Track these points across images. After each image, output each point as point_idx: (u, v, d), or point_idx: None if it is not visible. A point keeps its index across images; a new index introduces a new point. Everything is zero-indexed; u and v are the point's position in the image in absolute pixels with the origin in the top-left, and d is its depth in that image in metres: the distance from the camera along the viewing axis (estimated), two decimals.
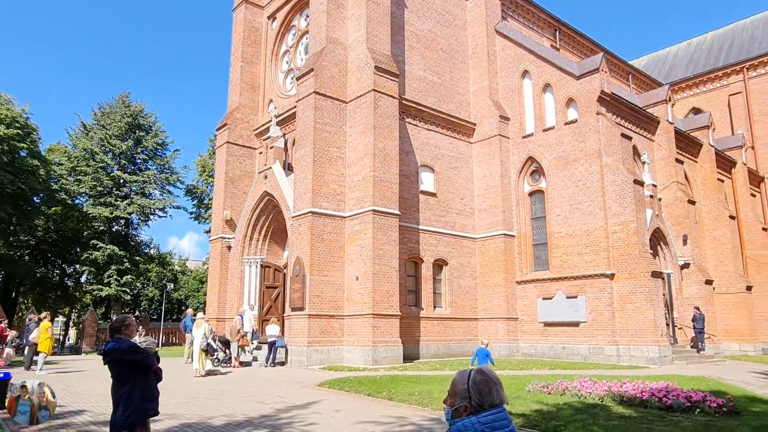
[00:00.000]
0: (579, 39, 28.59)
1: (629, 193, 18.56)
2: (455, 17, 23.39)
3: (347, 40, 19.45)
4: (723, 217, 24.74)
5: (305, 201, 17.70)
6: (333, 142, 18.44)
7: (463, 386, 2.17)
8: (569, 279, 19.62)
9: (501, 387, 2.17)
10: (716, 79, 33.85)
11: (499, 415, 2.08)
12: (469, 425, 2.04)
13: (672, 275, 20.99)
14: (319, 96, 18.17)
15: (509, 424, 2.09)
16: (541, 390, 10.52)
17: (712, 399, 8.71)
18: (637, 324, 17.70)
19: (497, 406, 2.11)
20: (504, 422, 2.08)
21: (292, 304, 17.39)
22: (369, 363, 16.20)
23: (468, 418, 2.08)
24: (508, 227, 21.32)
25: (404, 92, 20.42)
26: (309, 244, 17.22)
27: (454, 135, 22.12)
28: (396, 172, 18.29)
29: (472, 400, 2.11)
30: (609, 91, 20.05)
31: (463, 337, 20.75)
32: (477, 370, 2.23)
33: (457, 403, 2.14)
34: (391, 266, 17.46)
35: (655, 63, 40.19)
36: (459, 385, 2.19)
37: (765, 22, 34.93)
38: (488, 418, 2.06)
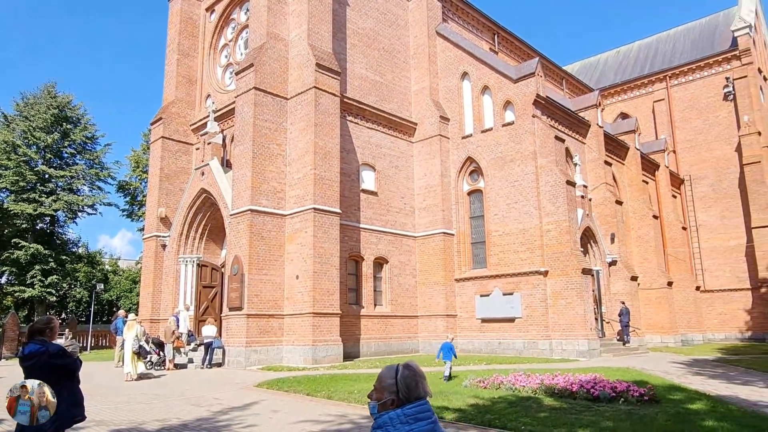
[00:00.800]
0: (516, 43, 29.47)
1: (562, 194, 19.32)
2: (397, 17, 23.57)
3: (288, 36, 19.22)
4: (647, 216, 26.18)
5: (244, 199, 17.36)
6: (273, 139, 18.18)
7: (390, 381, 2.22)
8: (506, 276, 20.22)
9: (426, 381, 2.25)
10: (642, 86, 35.74)
11: (422, 407, 2.16)
12: (395, 417, 2.11)
13: (601, 272, 22.03)
14: (259, 92, 17.86)
15: (432, 415, 2.17)
16: (478, 385, 10.80)
17: (635, 389, 9.22)
18: (569, 319, 18.48)
19: (422, 399, 2.18)
20: (427, 413, 2.16)
21: (230, 303, 17.02)
22: (309, 362, 16.10)
23: (393, 410, 2.15)
24: (448, 226, 21.73)
25: (346, 90, 20.39)
26: (248, 243, 16.90)
27: (396, 134, 22.30)
28: (337, 171, 18.25)
29: (399, 394, 2.17)
30: (544, 95, 20.78)
31: (403, 334, 20.98)
32: (404, 365, 2.28)
33: (384, 397, 2.19)
34: (331, 265, 17.41)
35: (587, 69, 41.98)
36: (387, 379, 2.24)
37: (685, 34, 37.22)
38: (413, 410, 2.13)
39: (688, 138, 33.09)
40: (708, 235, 31.62)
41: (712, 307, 30.73)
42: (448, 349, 12.40)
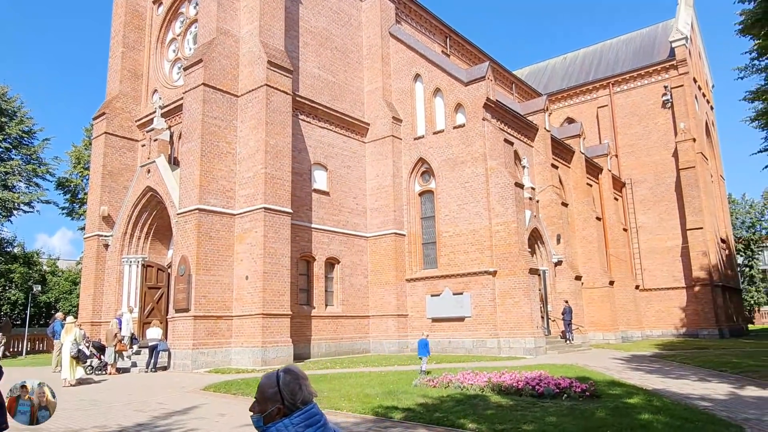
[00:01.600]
0: (468, 47, 29.96)
1: (511, 195, 19.78)
2: (350, 17, 23.54)
3: (239, 32, 18.87)
4: (591, 218, 27.13)
5: (192, 197, 16.93)
6: (223, 136, 17.81)
7: (273, 389, 2.12)
8: (456, 276, 20.52)
9: (308, 381, 2.18)
10: (587, 92, 37.04)
11: (310, 412, 2.09)
12: (283, 428, 2.03)
13: (547, 272, 22.69)
14: (208, 88, 17.45)
15: (321, 418, 2.11)
16: (427, 384, 10.91)
17: (578, 385, 9.54)
18: (516, 318, 18.94)
19: (309, 403, 2.11)
20: (316, 417, 2.10)
21: (177, 305, 16.56)
22: (258, 364, 15.86)
23: (281, 420, 2.06)
24: (399, 226, 21.86)
25: (298, 89, 20.21)
26: (195, 243, 16.49)
27: (348, 134, 22.27)
28: (288, 170, 18.05)
29: (285, 401, 2.08)
30: (494, 99, 21.22)
31: (354, 334, 20.97)
32: (283, 370, 2.20)
33: (268, 408, 2.09)
34: (282, 265, 17.21)
35: (536, 74, 43.14)
36: (268, 389, 2.14)
37: (627, 43, 38.80)
38: (300, 417, 2.06)
39: (629, 143, 34.51)
40: (647, 237, 33.07)
41: (650, 305, 32.16)
42: (423, 345, 13.07)
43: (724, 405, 8.77)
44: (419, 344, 13.20)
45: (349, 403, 9.07)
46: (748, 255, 60.69)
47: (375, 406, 8.75)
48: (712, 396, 9.66)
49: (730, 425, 7.17)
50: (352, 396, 9.76)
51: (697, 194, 31.20)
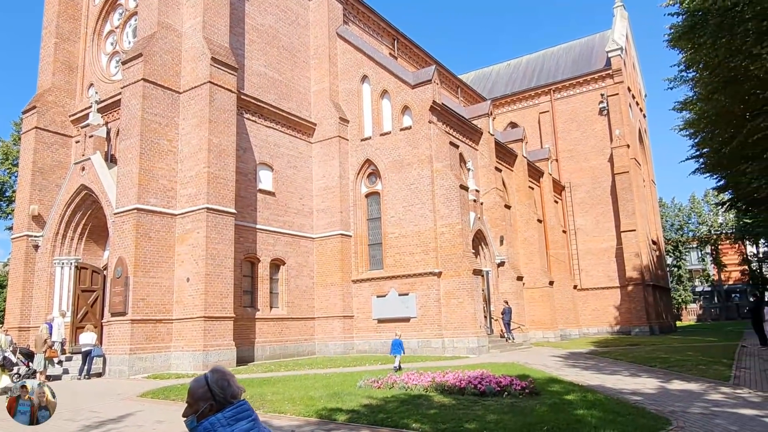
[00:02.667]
0: (415, 50, 30.27)
1: (456, 197, 20.12)
2: (298, 16, 23.32)
3: (182, 27, 18.32)
4: (532, 220, 27.97)
5: (130, 197, 16.29)
6: (164, 134, 17.23)
7: (203, 389, 2.23)
8: (402, 277, 20.67)
9: (235, 379, 2.30)
10: (529, 98, 38.20)
11: (241, 407, 2.21)
12: (215, 421, 2.13)
13: (490, 272, 23.21)
14: (148, 83, 16.84)
15: (251, 414, 2.22)
16: (372, 385, 10.93)
17: (518, 383, 9.81)
18: (460, 318, 19.27)
19: (239, 400, 2.23)
20: (247, 412, 2.21)
21: (113, 308, 15.88)
22: (199, 368, 15.43)
23: (213, 415, 2.17)
24: (346, 227, 21.82)
25: (243, 87, 19.83)
26: (134, 244, 15.87)
27: (295, 134, 22.04)
28: (233, 169, 17.68)
29: (216, 398, 2.20)
30: (440, 102, 21.53)
31: (299, 336, 20.76)
32: (210, 370, 2.32)
33: (200, 407, 2.20)
34: (225, 266, 16.82)
35: (481, 79, 44.11)
36: (198, 389, 2.24)
37: (567, 51, 40.29)
38: (231, 411, 2.17)
39: (568, 148, 35.83)
40: (584, 238, 34.43)
41: (587, 304, 33.50)
42: (398, 344, 14.29)
43: (653, 398, 9.23)
44: (393, 343, 14.25)
45: (293, 406, 8.98)
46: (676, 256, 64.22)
47: (319, 408, 8.69)
48: (642, 390, 10.15)
49: (657, 418, 7.56)
50: (296, 399, 9.66)
51: (630, 198, 32.74)
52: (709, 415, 7.75)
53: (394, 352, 14.22)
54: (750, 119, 15.45)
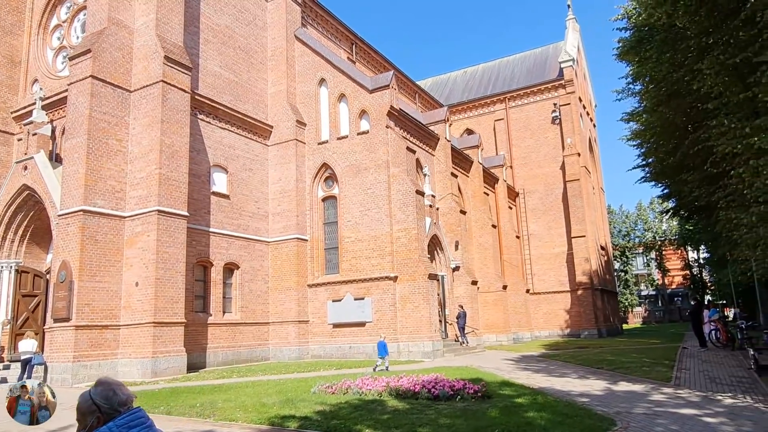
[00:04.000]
0: (374, 55, 30.38)
1: (412, 202, 20.26)
2: (255, 17, 23.03)
3: (134, 24, 17.79)
4: (487, 225, 28.45)
5: (76, 198, 15.66)
6: (113, 133, 16.67)
7: (87, 404, 2.22)
8: (358, 282, 20.63)
9: (123, 386, 2.29)
10: (485, 105, 38.90)
11: (135, 415, 2.20)
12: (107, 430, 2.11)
13: (445, 277, 23.45)
14: (97, 81, 16.27)
15: (146, 421, 2.21)
16: (326, 391, 10.85)
17: (470, 386, 9.93)
18: (415, 322, 19.38)
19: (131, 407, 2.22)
20: (141, 419, 2.20)
21: (56, 314, 15.22)
22: (148, 376, 14.97)
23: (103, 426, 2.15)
24: (302, 231, 21.64)
25: (197, 87, 19.42)
26: (79, 247, 15.26)
27: (250, 136, 21.72)
28: (185, 171, 17.26)
29: (101, 410, 2.18)
30: (397, 107, 21.65)
31: (253, 342, 20.41)
32: (95, 383, 2.32)
33: (88, 422, 2.19)
34: (176, 270, 16.39)
35: (439, 85, 44.65)
36: (83, 404, 2.23)
37: (522, 61, 41.28)
38: (124, 419, 2.16)
39: (523, 155, 36.66)
40: (537, 243, 35.25)
41: (539, 308, 34.28)
42: (383, 346, 15.30)
43: (600, 400, 9.51)
44: (379, 345, 15.41)
45: (245, 414, 8.81)
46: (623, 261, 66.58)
47: (271, 415, 8.56)
48: (590, 392, 10.45)
49: (603, 418, 7.79)
50: (248, 406, 9.49)
51: (581, 205, 33.74)
52: (652, 416, 8.05)
53: (382, 354, 15.19)
54: (692, 131, 16.20)
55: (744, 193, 11.87)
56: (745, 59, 10.64)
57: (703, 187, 16.43)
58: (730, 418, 7.81)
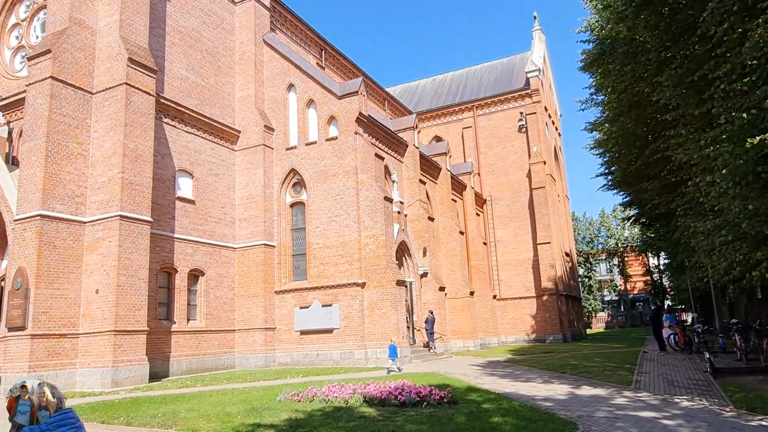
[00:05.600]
0: (343, 61, 30.39)
1: (380, 209, 20.28)
2: (223, 20, 22.78)
3: (96, 25, 17.38)
4: (455, 232, 28.70)
5: (33, 202, 15.16)
6: (74, 136, 16.22)
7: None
8: (325, 288, 20.52)
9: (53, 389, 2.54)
10: (454, 113, 39.34)
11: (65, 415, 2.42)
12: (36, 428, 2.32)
13: (413, 283, 23.53)
14: (57, 82, 15.82)
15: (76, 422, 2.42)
16: (292, 398, 10.74)
17: (437, 393, 9.97)
18: (383, 328, 19.37)
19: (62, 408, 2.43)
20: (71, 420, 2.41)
21: (10, 323, 14.66)
22: (108, 386, 14.54)
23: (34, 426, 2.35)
24: (269, 237, 21.42)
25: (163, 90, 19.08)
26: (36, 252, 14.76)
27: (217, 141, 21.43)
28: (149, 176, 16.90)
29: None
30: (366, 114, 21.69)
31: (218, 349, 20.06)
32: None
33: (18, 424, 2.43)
34: (139, 277, 16.00)
35: (408, 93, 44.95)
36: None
37: (490, 70, 41.93)
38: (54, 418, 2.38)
39: (490, 162, 37.17)
40: (504, 250, 35.74)
41: (505, 313, 34.72)
42: (393, 349, 16.62)
43: (563, 404, 9.67)
44: (390, 348, 16.74)
45: (208, 424, 8.64)
46: (587, 267, 68.02)
47: (235, 425, 8.41)
48: (554, 396, 10.62)
49: (566, 422, 7.93)
50: (211, 415, 9.31)
51: (546, 212, 34.37)
52: (613, 419, 8.22)
53: (392, 356, 16.52)
54: (651, 141, 16.72)
55: (701, 202, 12.30)
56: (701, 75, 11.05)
57: (663, 195, 16.96)
58: (687, 420, 8.04)
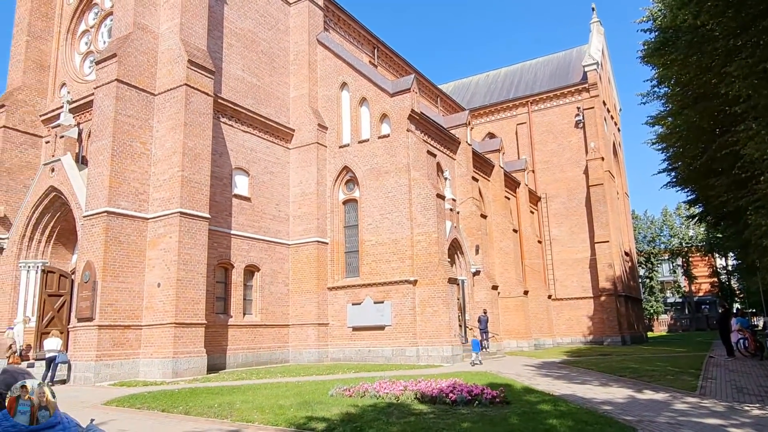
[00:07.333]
0: (395, 59, 30.39)
1: (432, 206, 20.16)
2: (278, 21, 23.23)
3: (159, 29, 18.09)
4: (508, 230, 28.19)
5: (100, 199, 15.95)
6: (137, 136, 16.95)
7: None
8: (377, 285, 20.60)
9: (26, 373, 2.69)
10: (507, 109, 38.63)
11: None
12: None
13: (465, 281, 23.27)
14: (122, 84, 16.57)
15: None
16: (344, 393, 10.82)
17: (488, 392, 9.80)
18: (435, 326, 19.26)
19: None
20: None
21: (80, 314, 15.49)
22: (168, 376, 15.13)
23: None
24: (322, 234, 21.69)
25: (220, 90, 19.65)
26: (103, 248, 15.52)
27: (272, 139, 21.89)
28: (207, 174, 17.45)
29: (2, 395, 2.57)
30: (418, 111, 21.61)
31: (273, 344, 20.51)
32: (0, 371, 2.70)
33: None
34: (198, 272, 16.56)
35: (461, 89, 44.49)
36: None
37: (545, 65, 40.91)
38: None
39: (545, 159, 36.29)
40: (559, 249, 34.82)
41: (561, 314, 33.82)
42: (475, 344, 18.37)
43: (622, 408, 9.30)
44: (473, 343, 18.64)
45: (262, 415, 8.82)
46: (648, 267, 65.37)
47: (289, 417, 8.55)
48: (612, 400, 10.23)
49: (625, 427, 7.60)
50: (265, 407, 9.50)
51: (604, 210, 33.23)
52: (675, 425, 7.83)
53: (475, 350, 18.17)
54: (719, 135, 15.82)
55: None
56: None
57: (731, 192, 16.01)
58: (757, 429, 7.56)
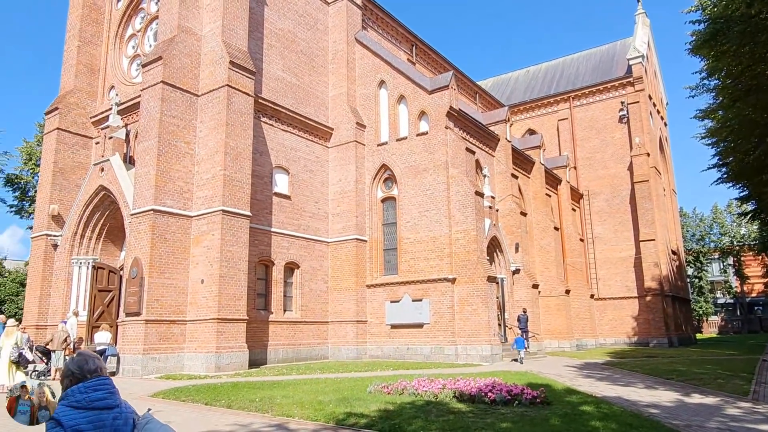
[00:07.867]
0: (433, 56, 30.23)
1: (471, 204, 19.98)
2: (317, 21, 23.45)
3: (201, 31, 18.53)
4: (549, 228, 27.67)
5: (147, 198, 16.47)
6: (181, 136, 17.41)
7: (65, 369, 2.71)
8: (416, 283, 20.56)
9: (98, 359, 2.76)
10: (548, 105, 37.89)
11: (101, 380, 2.65)
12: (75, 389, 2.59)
13: (505, 280, 22.97)
14: (167, 86, 17.05)
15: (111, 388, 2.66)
16: (382, 390, 10.86)
17: (528, 392, 9.65)
18: (474, 325, 19.09)
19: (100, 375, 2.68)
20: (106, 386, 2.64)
21: (128, 308, 16.04)
22: (212, 370, 15.51)
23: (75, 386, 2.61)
24: (361, 232, 21.80)
25: (261, 91, 19.97)
26: (149, 245, 16.03)
27: (311, 138, 22.12)
28: (248, 172, 17.78)
29: (74, 375, 2.65)
30: (457, 108, 21.44)
31: (312, 340, 20.75)
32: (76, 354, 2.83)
33: (65, 384, 2.67)
34: (239, 269, 16.90)
35: (499, 85, 43.89)
36: (64, 370, 2.71)
37: (587, 59, 39.93)
38: (92, 383, 2.62)
39: (587, 155, 35.43)
40: (602, 247, 33.95)
41: (604, 314, 32.99)
42: (519, 342, 19.16)
43: (669, 412, 9.00)
44: (516, 341, 19.41)
45: (301, 410, 8.94)
46: (697, 267, 63.05)
47: (328, 413, 8.64)
48: (658, 403, 9.92)
49: (671, 431, 7.36)
50: (304, 403, 9.62)
51: (650, 207, 32.22)
52: (726, 431, 7.53)
53: (519, 347, 18.83)
54: None
55: None
56: None
57: None
58: None
